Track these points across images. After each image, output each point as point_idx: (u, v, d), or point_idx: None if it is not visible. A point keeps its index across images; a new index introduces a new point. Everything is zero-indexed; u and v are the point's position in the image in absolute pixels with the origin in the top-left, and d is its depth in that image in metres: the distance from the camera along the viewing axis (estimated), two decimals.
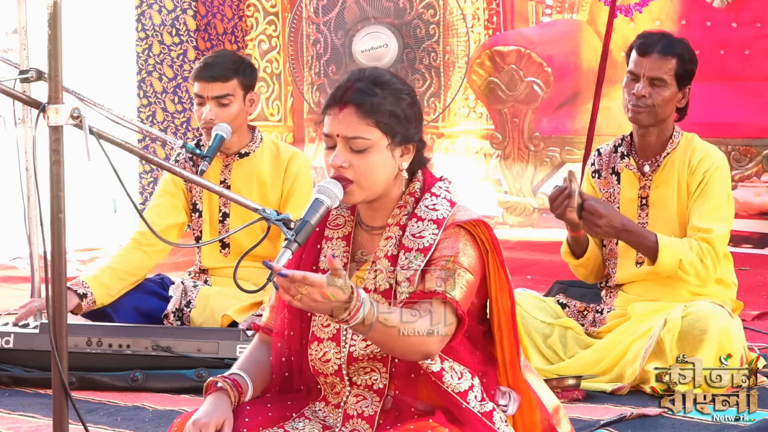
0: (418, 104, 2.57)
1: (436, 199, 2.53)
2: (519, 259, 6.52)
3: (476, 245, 2.50)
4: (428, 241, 2.47)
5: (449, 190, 2.57)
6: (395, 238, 2.52)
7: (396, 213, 2.55)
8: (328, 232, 2.61)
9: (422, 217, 2.50)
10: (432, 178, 2.59)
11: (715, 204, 3.80)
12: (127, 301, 4.28)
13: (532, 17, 7.74)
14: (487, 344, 2.59)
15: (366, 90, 2.49)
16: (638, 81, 3.82)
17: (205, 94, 4.21)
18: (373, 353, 2.49)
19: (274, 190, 4.35)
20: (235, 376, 2.55)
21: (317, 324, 2.56)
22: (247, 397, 2.53)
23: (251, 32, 8.52)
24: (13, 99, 3.31)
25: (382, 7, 8.00)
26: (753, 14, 6.98)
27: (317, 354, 2.54)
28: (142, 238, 4.31)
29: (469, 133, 8.00)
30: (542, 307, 4.03)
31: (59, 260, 2.49)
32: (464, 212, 2.52)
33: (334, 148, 2.51)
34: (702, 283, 3.79)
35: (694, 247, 3.75)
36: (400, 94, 2.52)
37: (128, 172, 7.74)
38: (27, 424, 3.43)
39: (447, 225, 2.48)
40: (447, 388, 2.47)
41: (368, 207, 2.58)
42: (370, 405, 2.52)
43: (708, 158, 3.84)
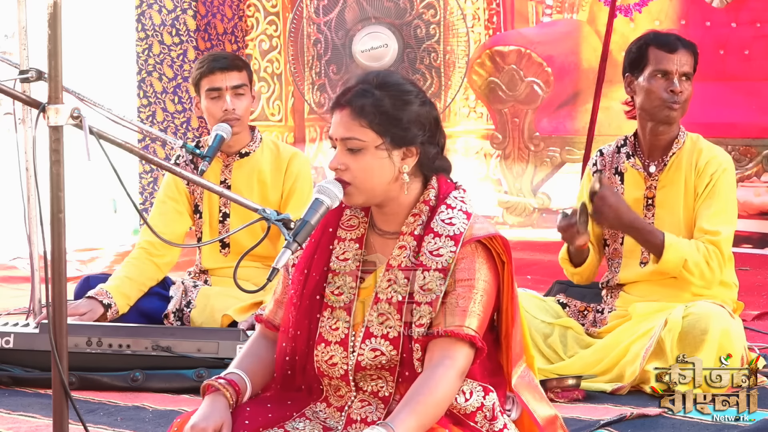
0: (428, 108, 2.54)
1: (452, 212, 2.50)
2: (519, 259, 6.48)
3: (492, 260, 2.50)
4: (446, 260, 2.46)
5: (464, 200, 2.54)
6: (410, 248, 2.51)
7: (410, 221, 2.53)
8: (341, 232, 2.60)
9: (439, 233, 2.48)
10: (447, 186, 2.55)
11: (723, 206, 3.80)
12: None
13: (532, 17, 7.74)
14: (495, 351, 2.60)
15: (363, 92, 2.49)
16: (670, 79, 3.80)
17: (224, 85, 4.19)
18: (381, 363, 2.49)
19: (275, 189, 4.34)
20: (232, 375, 2.54)
21: (326, 326, 2.55)
22: (246, 396, 2.53)
23: (252, 32, 8.52)
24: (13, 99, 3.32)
25: (382, 7, 8.00)
26: (753, 14, 6.98)
27: (324, 356, 2.54)
28: (151, 248, 4.32)
29: (469, 133, 8.00)
30: (542, 307, 4.03)
31: (59, 260, 2.49)
32: (481, 225, 2.50)
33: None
34: (707, 284, 3.79)
35: (701, 249, 3.75)
36: (402, 96, 2.50)
37: (128, 172, 7.74)
38: (27, 424, 3.43)
39: (465, 240, 2.47)
40: (453, 409, 2.47)
41: (379, 211, 2.57)
42: (375, 411, 2.52)
43: (715, 160, 3.84)
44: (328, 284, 2.56)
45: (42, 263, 4.02)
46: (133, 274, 4.27)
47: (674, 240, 3.74)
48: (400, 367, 2.49)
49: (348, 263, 2.56)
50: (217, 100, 4.21)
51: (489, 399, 2.49)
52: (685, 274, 3.75)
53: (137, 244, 4.39)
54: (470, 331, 2.43)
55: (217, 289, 4.35)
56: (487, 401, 2.48)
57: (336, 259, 2.57)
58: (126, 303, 4.22)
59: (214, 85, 4.21)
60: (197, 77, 4.26)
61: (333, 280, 2.56)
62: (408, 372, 2.48)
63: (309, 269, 2.57)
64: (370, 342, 2.49)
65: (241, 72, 4.23)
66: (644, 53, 3.84)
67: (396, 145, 2.49)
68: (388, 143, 2.48)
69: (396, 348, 2.48)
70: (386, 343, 2.48)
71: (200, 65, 4.27)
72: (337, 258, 2.57)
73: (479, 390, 2.49)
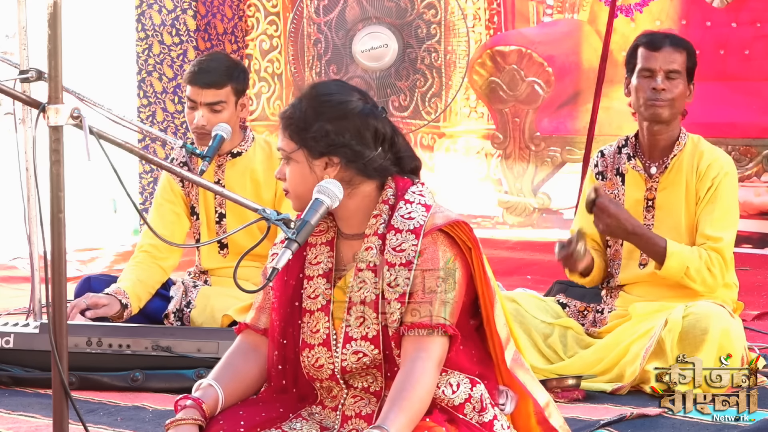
0: (353, 118, 2.53)
1: (410, 206, 2.53)
2: (519, 259, 6.52)
3: (457, 247, 2.50)
4: (409, 253, 2.48)
5: (423, 193, 2.55)
6: (375, 247, 2.53)
7: (372, 223, 2.55)
8: (312, 239, 2.63)
9: (400, 228, 2.50)
10: (404, 183, 2.58)
11: (725, 211, 3.80)
12: None
13: (533, 17, 7.74)
14: (481, 340, 2.61)
15: (293, 104, 2.57)
16: (653, 76, 3.81)
17: (198, 100, 4.18)
18: (365, 365, 2.52)
19: (268, 188, 4.34)
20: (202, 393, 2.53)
21: (306, 331, 2.58)
22: (219, 409, 2.53)
23: (252, 32, 8.52)
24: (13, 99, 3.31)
25: (383, 6, 7.99)
26: (753, 14, 6.97)
27: (310, 360, 2.56)
28: (155, 251, 4.32)
29: (470, 133, 7.99)
30: (542, 307, 4.03)
31: (59, 260, 2.49)
32: (441, 214, 2.52)
33: None
34: (708, 290, 3.79)
35: (703, 256, 3.75)
36: (321, 107, 2.53)
37: (128, 172, 7.74)
38: (27, 424, 3.43)
39: (426, 231, 2.48)
40: (441, 402, 2.49)
41: (335, 215, 2.60)
42: (368, 405, 2.55)
43: (717, 163, 3.84)
44: (304, 290, 2.60)
45: (42, 263, 4.02)
46: (143, 276, 4.27)
47: (676, 248, 3.74)
48: (385, 364, 2.52)
49: (320, 266, 2.59)
50: (192, 111, 4.21)
51: (476, 390, 2.50)
52: (687, 281, 3.75)
53: (139, 247, 4.39)
54: (440, 319, 2.45)
55: (217, 289, 4.36)
56: (474, 392, 2.50)
57: (309, 265, 2.61)
58: (137, 305, 4.23)
59: (190, 96, 4.21)
60: (183, 80, 4.28)
61: (308, 285, 2.60)
62: (395, 367, 2.50)
63: (287, 277, 2.59)
64: (351, 346, 2.52)
65: (221, 89, 4.18)
66: (634, 54, 3.89)
67: (313, 155, 2.53)
68: (306, 153, 2.53)
69: (377, 347, 2.50)
70: (366, 343, 2.51)
71: (188, 69, 4.26)
72: (310, 263, 2.60)
73: (466, 382, 2.51)
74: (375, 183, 2.57)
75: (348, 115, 2.53)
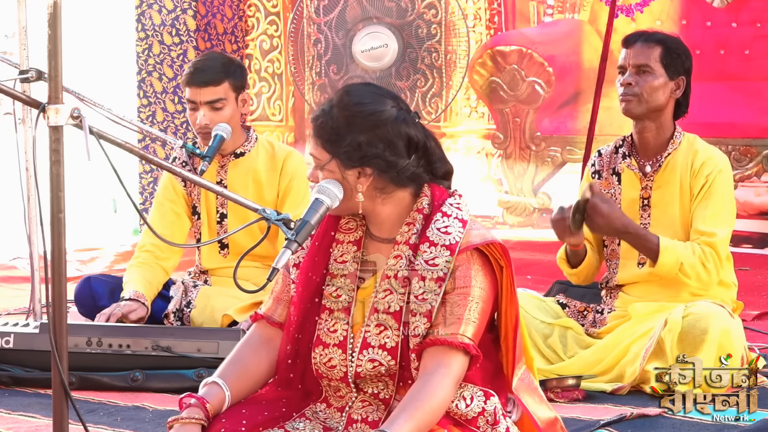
0: (386, 128, 2.49)
1: (447, 220, 2.50)
2: (519, 259, 6.51)
3: (488, 266, 2.49)
4: (442, 269, 2.46)
5: (460, 207, 2.53)
6: (405, 258, 2.51)
7: (404, 230, 2.53)
8: (340, 236, 2.60)
9: (435, 242, 2.48)
10: (441, 193, 2.55)
11: (719, 207, 3.79)
12: None
13: (533, 17, 7.74)
14: (495, 352, 2.60)
15: (323, 111, 2.52)
16: (623, 72, 3.84)
17: (198, 100, 4.19)
18: (380, 372, 2.50)
19: (271, 189, 4.34)
20: (207, 391, 2.52)
21: (323, 328, 2.56)
22: (225, 407, 2.52)
23: (252, 32, 8.52)
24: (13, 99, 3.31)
25: (383, 6, 7.99)
26: (753, 14, 6.98)
27: (322, 359, 2.54)
28: (157, 251, 4.32)
29: (470, 133, 8.00)
30: (542, 307, 4.03)
31: (59, 260, 2.49)
32: (477, 232, 2.49)
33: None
34: (704, 286, 3.79)
35: (697, 251, 3.74)
36: (354, 117, 2.49)
37: (128, 172, 7.74)
38: (27, 424, 3.43)
39: (461, 249, 2.46)
40: (454, 416, 2.47)
41: (368, 219, 2.59)
42: (376, 411, 2.53)
43: (711, 161, 3.83)
44: (327, 286, 2.57)
45: (42, 263, 4.02)
46: (149, 277, 4.28)
47: (669, 243, 3.74)
48: (400, 371, 2.49)
49: (346, 265, 2.57)
50: (194, 112, 4.22)
51: (490, 403, 2.48)
52: (681, 277, 3.75)
53: (140, 248, 4.38)
54: (465, 339, 2.43)
55: (217, 289, 4.35)
56: (488, 406, 2.48)
57: (334, 262, 2.58)
58: (149, 306, 4.23)
59: (190, 97, 4.21)
60: (182, 83, 4.30)
61: (332, 282, 2.57)
62: (409, 377, 2.48)
63: (311, 273, 2.57)
64: (367, 353, 2.50)
65: (219, 86, 4.18)
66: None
67: (346, 166, 2.50)
68: (339, 163, 2.50)
69: (394, 358, 2.48)
70: (384, 353, 2.49)
71: (185, 71, 4.26)
72: (336, 261, 2.58)
73: (480, 395, 2.49)
74: (409, 190, 2.54)
75: (381, 125, 2.49)
